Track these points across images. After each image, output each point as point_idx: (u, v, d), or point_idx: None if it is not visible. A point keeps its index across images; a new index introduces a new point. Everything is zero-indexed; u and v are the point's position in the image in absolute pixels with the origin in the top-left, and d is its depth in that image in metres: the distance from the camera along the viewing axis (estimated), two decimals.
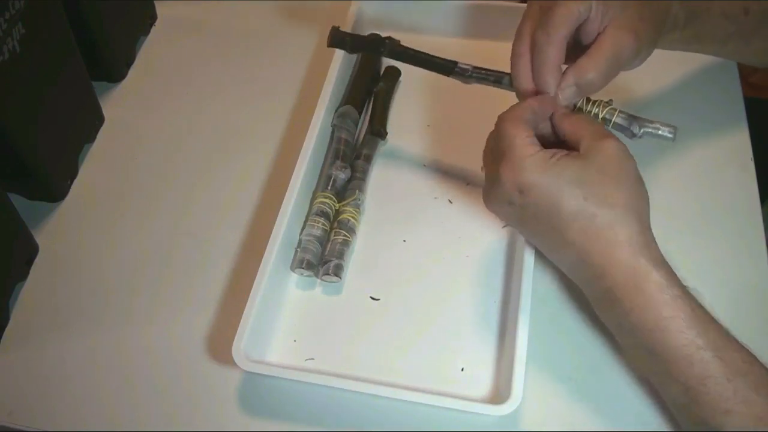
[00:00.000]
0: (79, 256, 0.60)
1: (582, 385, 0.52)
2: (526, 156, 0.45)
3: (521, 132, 0.46)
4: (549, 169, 0.45)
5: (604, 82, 0.49)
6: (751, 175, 0.61)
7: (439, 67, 0.57)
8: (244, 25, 0.75)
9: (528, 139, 0.46)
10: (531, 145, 0.46)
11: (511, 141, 0.46)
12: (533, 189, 0.45)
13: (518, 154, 0.45)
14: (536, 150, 0.46)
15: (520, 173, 0.45)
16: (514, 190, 0.46)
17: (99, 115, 0.67)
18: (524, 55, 0.50)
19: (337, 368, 0.52)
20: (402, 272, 0.57)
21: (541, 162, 0.45)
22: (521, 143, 0.46)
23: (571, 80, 0.48)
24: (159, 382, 0.53)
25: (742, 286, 0.56)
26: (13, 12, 0.51)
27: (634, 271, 0.44)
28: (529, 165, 0.45)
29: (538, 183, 0.45)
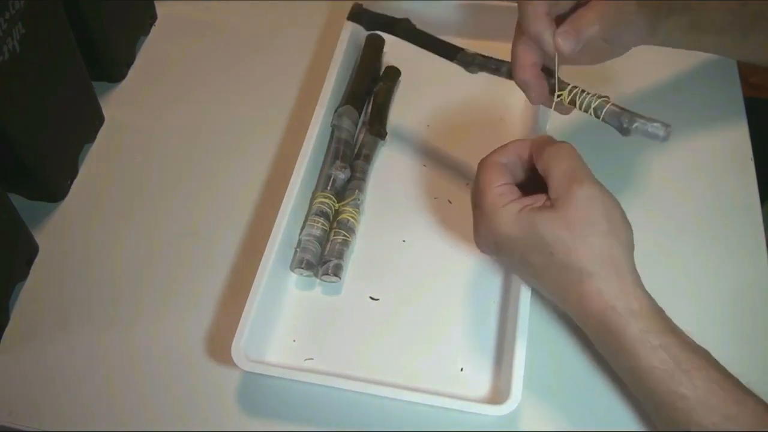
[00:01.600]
0: (79, 256, 0.60)
1: (581, 386, 0.52)
2: (497, 209, 0.46)
3: (494, 180, 0.47)
4: (518, 223, 0.45)
5: (604, 28, 0.47)
6: (751, 175, 0.61)
7: (445, 51, 0.57)
8: (244, 24, 0.75)
9: (500, 189, 0.46)
10: (501, 195, 0.46)
11: (484, 189, 0.47)
12: (505, 243, 0.46)
13: (490, 205, 0.46)
14: (506, 202, 0.46)
15: (492, 226, 0.46)
16: (491, 241, 0.47)
17: (99, 115, 0.68)
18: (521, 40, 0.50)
19: (337, 368, 0.52)
20: (402, 272, 0.57)
21: (511, 216, 0.45)
22: (493, 193, 0.46)
23: (568, 26, 0.47)
24: (158, 382, 0.53)
25: (742, 286, 0.56)
26: (13, 12, 0.52)
27: (609, 323, 0.44)
28: (498, 219, 0.46)
29: (507, 237, 0.45)
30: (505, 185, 0.47)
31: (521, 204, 0.45)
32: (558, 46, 0.47)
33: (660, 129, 0.47)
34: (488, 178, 0.47)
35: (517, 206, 0.45)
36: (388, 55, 0.71)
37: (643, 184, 0.48)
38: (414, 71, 0.69)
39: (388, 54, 0.71)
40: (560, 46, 0.47)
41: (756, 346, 0.51)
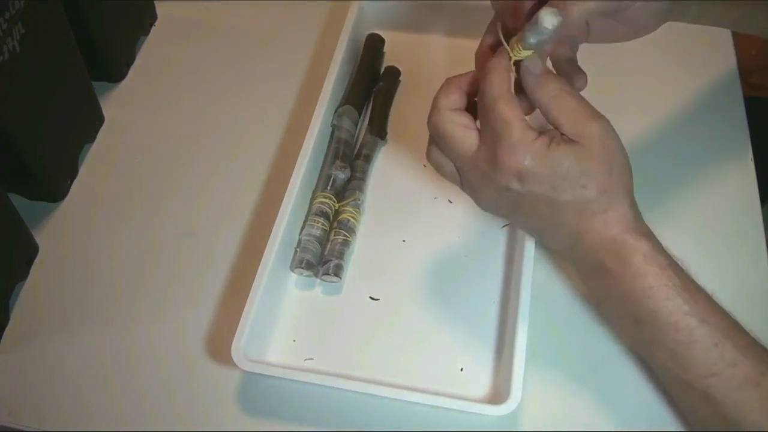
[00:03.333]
0: (79, 256, 0.60)
1: (581, 386, 0.52)
2: (527, 143, 0.44)
3: (516, 114, 0.44)
4: (549, 158, 0.44)
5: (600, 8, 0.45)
6: (751, 175, 0.61)
7: None
8: (244, 25, 0.75)
9: (525, 123, 0.45)
10: (529, 130, 0.44)
11: (508, 125, 0.44)
12: (535, 177, 0.44)
13: (518, 140, 0.44)
14: (534, 137, 0.44)
15: (522, 161, 0.44)
16: (513, 177, 0.44)
17: (99, 115, 0.68)
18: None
19: (337, 368, 0.52)
20: (402, 272, 0.57)
21: (542, 151, 0.44)
22: (519, 128, 0.44)
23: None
24: (158, 382, 0.53)
25: (742, 286, 0.56)
26: (13, 12, 0.52)
27: (623, 245, 0.45)
28: (530, 153, 0.44)
29: (539, 172, 0.44)
30: (526, 119, 0.45)
31: (548, 138, 0.44)
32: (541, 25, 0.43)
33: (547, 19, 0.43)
34: (512, 110, 0.44)
35: (546, 141, 0.44)
36: (388, 55, 0.71)
37: (642, 184, 0.48)
38: (414, 71, 0.69)
39: (388, 54, 0.71)
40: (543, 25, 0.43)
41: None
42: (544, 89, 0.45)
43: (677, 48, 0.70)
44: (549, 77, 0.46)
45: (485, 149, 0.46)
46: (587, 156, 0.44)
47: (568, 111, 0.45)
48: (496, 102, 0.45)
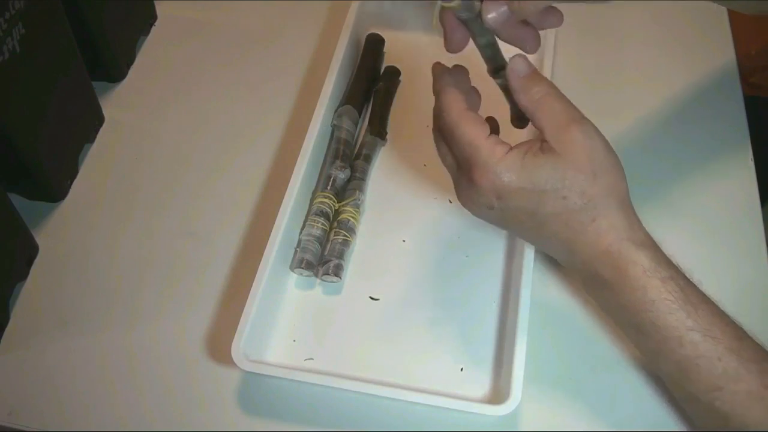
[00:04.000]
0: (79, 256, 0.60)
1: (581, 386, 0.52)
2: (498, 161, 0.43)
3: (481, 133, 0.44)
4: (524, 171, 0.43)
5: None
6: (751, 175, 0.61)
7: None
8: (244, 25, 0.75)
9: (491, 140, 0.43)
10: (497, 145, 0.43)
11: (474, 147, 0.43)
12: (512, 193, 0.43)
13: (488, 159, 0.43)
14: (505, 151, 0.43)
15: (496, 180, 0.43)
16: (492, 196, 0.44)
17: (99, 115, 0.68)
18: None
19: (337, 368, 0.52)
20: (402, 272, 0.57)
21: (515, 165, 0.43)
22: (487, 146, 0.43)
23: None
24: (158, 382, 0.53)
25: (742, 286, 0.56)
26: (13, 12, 0.52)
27: (619, 257, 0.43)
28: (503, 170, 0.43)
29: (515, 187, 0.43)
30: (493, 136, 0.44)
31: (521, 152, 0.43)
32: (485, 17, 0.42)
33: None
34: (473, 131, 0.44)
35: (519, 154, 0.43)
36: (388, 55, 0.71)
37: (642, 184, 0.48)
38: (414, 71, 0.69)
39: (388, 54, 0.71)
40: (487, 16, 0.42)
41: None
42: (528, 92, 0.44)
43: (677, 48, 0.70)
44: (534, 79, 0.45)
45: (461, 171, 0.45)
46: (567, 164, 0.43)
47: (551, 116, 0.44)
48: (455, 125, 0.44)
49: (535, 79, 0.45)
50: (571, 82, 0.63)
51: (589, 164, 0.43)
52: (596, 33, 0.72)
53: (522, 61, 0.45)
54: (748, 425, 0.42)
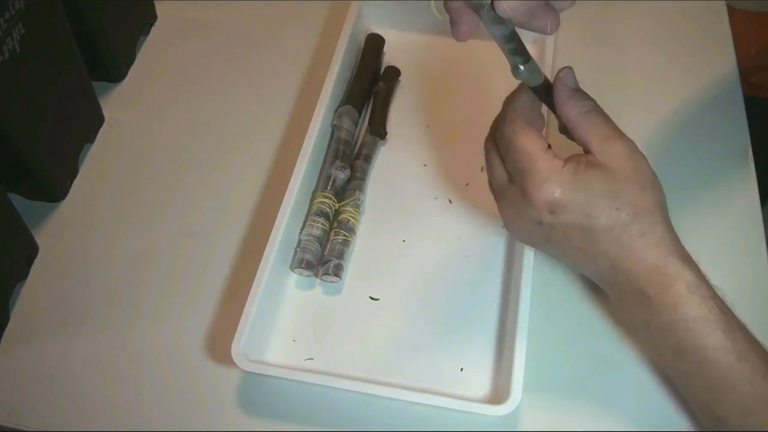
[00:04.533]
0: (79, 256, 0.60)
1: (581, 386, 0.52)
2: (554, 174, 0.43)
3: (539, 146, 0.43)
4: (580, 185, 0.43)
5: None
6: (751, 175, 0.61)
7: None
8: (244, 25, 0.75)
9: (549, 153, 0.43)
10: (554, 159, 0.43)
11: (531, 158, 0.43)
12: (566, 207, 0.43)
13: (545, 172, 0.43)
14: (561, 164, 0.43)
15: (551, 193, 0.43)
16: (545, 210, 0.43)
17: (99, 115, 0.68)
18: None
19: (337, 368, 0.52)
20: (402, 272, 0.57)
21: (571, 178, 0.43)
22: (544, 159, 0.43)
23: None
24: (158, 382, 0.53)
25: (742, 286, 0.56)
26: (13, 12, 0.52)
27: (666, 271, 0.43)
28: (559, 183, 0.42)
29: (571, 201, 0.43)
30: (549, 149, 0.44)
31: (575, 164, 0.43)
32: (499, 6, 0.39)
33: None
34: (533, 143, 0.43)
35: (573, 168, 0.43)
36: (388, 55, 0.71)
37: None
38: (414, 71, 0.69)
39: (388, 54, 0.71)
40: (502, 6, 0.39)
41: None
42: (575, 105, 0.44)
43: (677, 48, 0.70)
44: (582, 92, 0.45)
45: (512, 183, 0.45)
46: (617, 177, 0.43)
47: (597, 130, 0.44)
48: (514, 136, 0.44)
49: (582, 93, 0.45)
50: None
51: (637, 177, 0.43)
52: (596, 32, 0.72)
53: (572, 73, 0.45)
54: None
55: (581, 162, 0.43)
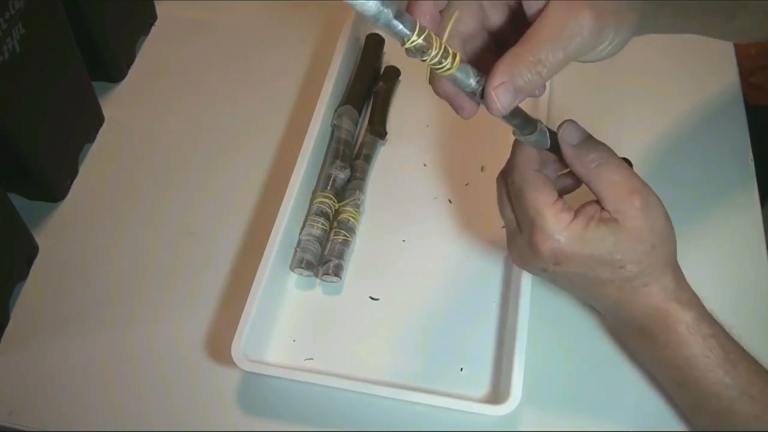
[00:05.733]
0: (79, 256, 0.60)
1: (581, 386, 0.52)
2: (562, 228, 0.42)
3: (548, 199, 0.43)
4: (586, 241, 0.43)
5: (548, 78, 0.38)
6: (751, 176, 0.61)
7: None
8: (244, 25, 0.75)
9: (557, 207, 0.43)
10: (562, 212, 0.43)
11: (539, 213, 0.43)
12: (571, 260, 0.43)
13: (552, 226, 0.42)
14: (569, 219, 0.43)
15: (557, 248, 0.43)
16: (550, 262, 0.44)
17: (99, 115, 0.67)
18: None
19: (337, 368, 0.52)
20: (402, 272, 0.57)
21: (579, 235, 0.42)
22: (552, 213, 0.43)
23: (501, 77, 0.37)
24: (158, 382, 0.53)
25: (742, 286, 0.56)
26: (13, 12, 0.51)
27: (667, 315, 0.44)
28: (566, 239, 0.42)
29: (577, 255, 0.43)
30: (558, 201, 0.43)
31: (585, 221, 0.43)
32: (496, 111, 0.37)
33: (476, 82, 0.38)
34: (541, 197, 0.43)
35: (582, 223, 0.42)
36: (388, 55, 0.71)
37: None
38: (414, 71, 0.69)
39: (388, 54, 0.71)
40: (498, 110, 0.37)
41: (756, 346, 0.51)
42: (583, 160, 0.43)
43: (677, 48, 0.70)
44: (588, 146, 0.43)
45: (521, 231, 0.45)
46: (627, 236, 0.42)
47: (610, 184, 0.43)
48: (523, 188, 0.44)
49: (589, 146, 0.43)
50: (572, 80, 0.63)
51: (649, 236, 0.43)
52: None
53: (573, 129, 0.44)
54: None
55: (593, 218, 0.43)
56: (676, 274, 0.45)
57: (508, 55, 0.37)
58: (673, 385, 0.48)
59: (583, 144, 0.43)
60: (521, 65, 0.36)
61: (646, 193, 0.43)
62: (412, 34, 0.34)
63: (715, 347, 0.44)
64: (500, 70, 0.37)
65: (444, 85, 0.40)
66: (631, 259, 0.43)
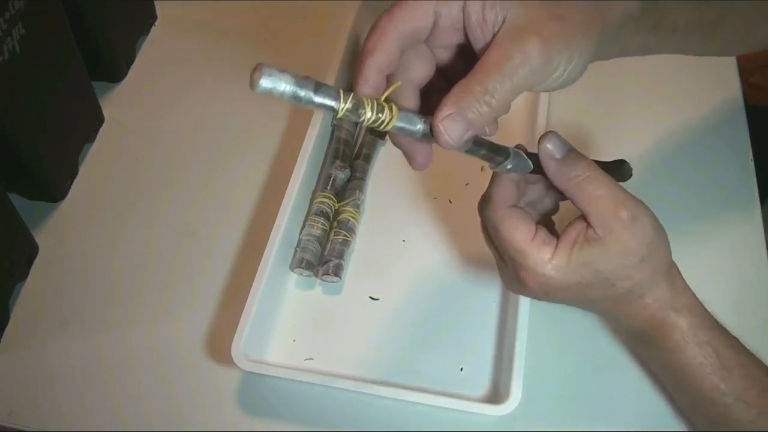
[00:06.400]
0: (78, 256, 0.60)
1: (580, 386, 0.52)
2: (546, 262, 0.41)
3: (526, 236, 0.42)
4: (573, 269, 0.42)
5: (498, 109, 0.36)
6: (751, 175, 0.61)
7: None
8: (244, 25, 0.75)
9: (538, 241, 0.42)
10: (543, 246, 0.42)
11: (519, 252, 0.42)
12: (561, 289, 0.43)
13: (536, 263, 0.42)
14: (551, 251, 0.41)
15: (545, 281, 0.42)
16: (540, 293, 0.43)
17: (99, 115, 0.67)
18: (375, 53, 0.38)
19: (337, 368, 0.52)
20: (402, 272, 0.57)
21: (564, 265, 0.41)
22: (533, 249, 0.42)
23: (449, 109, 0.36)
24: (158, 382, 0.53)
25: (742, 286, 0.56)
26: (13, 12, 0.51)
27: (663, 323, 0.44)
28: (552, 271, 0.42)
29: (565, 284, 0.42)
30: (538, 234, 0.42)
31: (568, 247, 0.41)
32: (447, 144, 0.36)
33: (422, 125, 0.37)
34: (519, 235, 0.42)
35: (566, 249, 0.41)
36: None
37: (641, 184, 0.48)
38: None
39: None
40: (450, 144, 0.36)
41: (756, 346, 0.51)
42: (565, 176, 0.42)
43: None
44: (570, 161, 0.42)
45: (505, 264, 0.45)
46: (614, 253, 0.41)
47: (594, 199, 0.41)
48: (498, 227, 0.43)
49: (572, 161, 0.42)
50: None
51: (638, 250, 0.42)
52: None
53: (555, 142, 0.42)
54: None
55: (577, 242, 0.42)
56: (670, 280, 0.44)
57: (455, 87, 0.36)
58: (672, 386, 0.48)
59: (565, 159, 0.42)
60: (469, 95, 0.36)
61: (631, 205, 0.42)
62: (338, 103, 0.33)
63: (710, 354, 0.44)
64: (448, 102, 0.36)
65: (394, 136, 0.39)
66: (621, 276, 0.42)
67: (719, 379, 0.44)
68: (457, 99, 0.36)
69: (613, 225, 0.41)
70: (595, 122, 0.48)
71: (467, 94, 0.36)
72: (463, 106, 0.36)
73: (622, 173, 0.48)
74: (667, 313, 0.44)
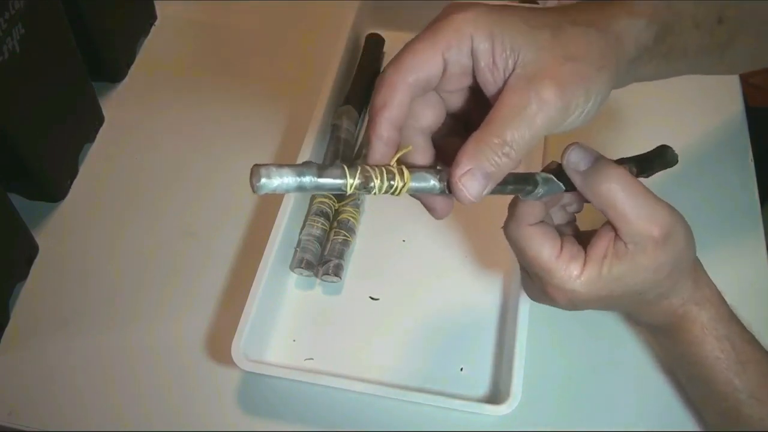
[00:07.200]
0: (78, 256, 0.60)
1: (581, 385, 0.52)
2: (574, 279, 0.40)
3: (552, 253, 0.41)
4: (603, 285, 0.41)
5: (518, 160, 0.35)
6: (751, 176, 0.61)
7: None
8: (244, 25, 0.75)
9: (565, 257, 0.41)
10: (571, 262, 0.40)
11: (547, 269, 0.41)
12: (589, 302, 0.42)
13: (564, 280, 0.40)
14: (580, 267, 0.40)
15: (573, 297, 0.41)
16: (568, 307, 0.42)
17: (99, 115, 0.68)
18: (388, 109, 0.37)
19: (337, 368, 0.52)
20: (402, 272, 0.57)
21: (594, 280, 0.40)
22: (560, 266, 0.40)
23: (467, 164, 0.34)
24: (158, 382, 0.53)
25: (742, 286, 0.56)
26: (13, 12, 0.52)
27: (684, 316, 0.45)
28: (581, 287, 0.40)
29: (594, 297, 0.41)
30: (564, 248, 0.41)
31: (598, 263, 0.40)
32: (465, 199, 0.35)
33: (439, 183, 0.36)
34: (545, 252, 0.40)
35: (596, 267, 0.40)
36: (388, 55, 0.71)
37: None
38: None
39: (388, 54, 0.71)
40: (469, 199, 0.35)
41: None
42: (593, 190, 0.40)
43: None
44: (597, 172, 0.40)
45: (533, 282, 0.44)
46: (646, 270, 0.41)
47: (624, 213, 0.39)
48: (523, 247, 0.41)
49: (599, 171, 0.40)
50: None
51: (668, 263, 0.41)
52: None
53: (579, 153, 0.40)
54: None
55: (607, 257, 0.40)
56: (695, 277, 0.44)
57: (470, 141, 0.35)
58: (686, 379, 0.48)
59: (591, 171, 0.40)
60: (486, 149, 0.34)
61: (664, 221, 0.40)
62: (346, 180, 0.32)
63: (728, 349, 0.44)
64: (465, 157, 0.34)
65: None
66: (651, 288, 0.42)
67: (734, 375, 0.44)
68: (475, 152, 0.34)
69: (645, 244, 0.40)
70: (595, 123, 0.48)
71: (484, 146, 0.34)
72: (482, 159, 0.34)
73: (666, 161, 0.47)
74: (689, 308, 0.44)
